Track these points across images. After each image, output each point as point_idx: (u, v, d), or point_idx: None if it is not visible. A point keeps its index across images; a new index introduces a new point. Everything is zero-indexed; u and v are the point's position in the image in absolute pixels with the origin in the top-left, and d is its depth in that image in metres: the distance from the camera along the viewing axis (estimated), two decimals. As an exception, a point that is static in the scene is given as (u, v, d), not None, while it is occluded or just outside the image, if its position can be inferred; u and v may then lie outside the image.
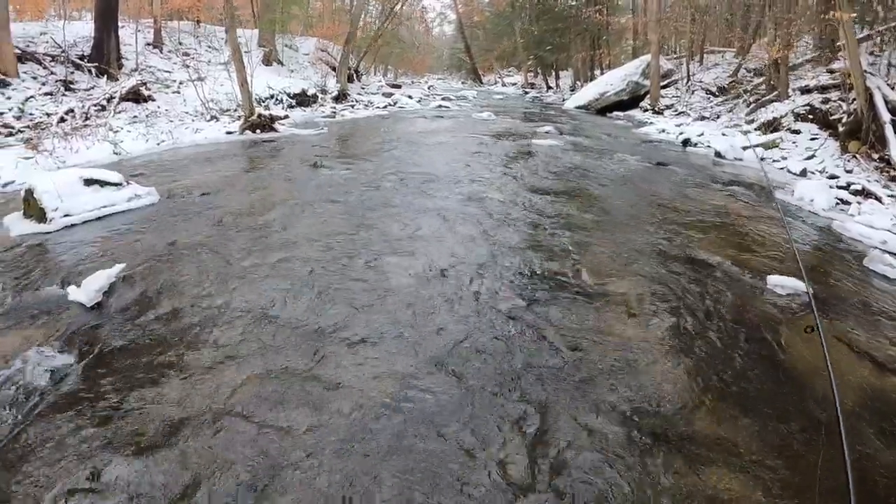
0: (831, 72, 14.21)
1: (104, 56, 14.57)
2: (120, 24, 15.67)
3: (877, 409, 3.21)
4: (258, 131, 12.90)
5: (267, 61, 20.86)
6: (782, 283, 4.62)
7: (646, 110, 22.03)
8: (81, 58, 14.44)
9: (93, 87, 13.59)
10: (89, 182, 6.46)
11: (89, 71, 14.17)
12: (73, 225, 5.90)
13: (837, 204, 8.25)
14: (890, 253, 5.99)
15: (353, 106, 20.74)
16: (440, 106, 22.47)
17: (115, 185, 6.64)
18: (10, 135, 10.57)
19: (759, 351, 3.69)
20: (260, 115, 13.27)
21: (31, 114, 11.61)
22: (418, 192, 7.28)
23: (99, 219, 6.13)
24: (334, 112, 18.61)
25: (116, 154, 10.12)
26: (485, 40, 53.89)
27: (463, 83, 51.94)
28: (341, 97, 21.63)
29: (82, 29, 16.05)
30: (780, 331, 3.93)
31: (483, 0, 38.46)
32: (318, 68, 24.25)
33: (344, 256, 4.96)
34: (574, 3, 31.82)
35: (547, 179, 8.37)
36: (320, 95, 20.37)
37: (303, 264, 4.74)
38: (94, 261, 4.86)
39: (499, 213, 6.38)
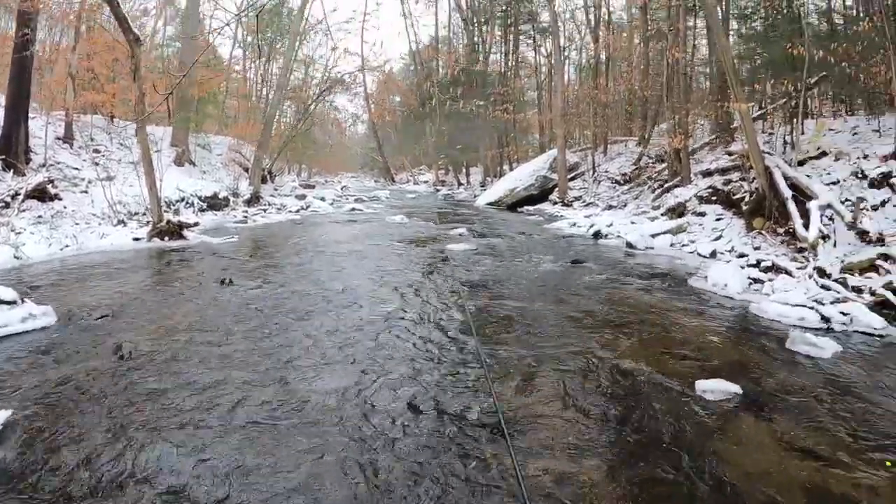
0: (730, 154, 14.89)
1: (12, 148, 13.69)
2: (31, 114, 14.88)
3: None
4: (167, 238, 12.35)
5: (179, 161, 20.42)
6: (711, 388, 4.52)
7: (555, 203, 22.59)
8: None
9: None
10: (-20, 299, 5.86)
11: None
12: (-43, 348, 5.32)
13: (751, 284, 8.44)
14: (810, 329, 6.15)
15: (265, 210, 20.44)
16: (353, 209, 22.40)
17: (9, 303, 6.12)
18: None
19: (697, 470, 3.48)
20: (169, 222, 12.73)
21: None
22: (331, 315, 6.72)
23: None
24: (246, 217, 18.21)
25: (17, 258, 9.65)
26: (397, 140, 55.00)
27: (376, 181, 52.46)
28: (254, 200, 21.31)
29: None
30: (716, 447, 3.75)
31: (395, 100, 39.13)
32: (231, 169, 23.93)
33: (249, 405, 4.28)
34: (482, 102, 32.66)
35: (464, 290, 8.04)
36: (232, 199, 19.95)
37: (203, 412, 4.13)
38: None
39: (414, 339, 5.83)
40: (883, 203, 9.82)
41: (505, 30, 37.82)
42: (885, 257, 8.16)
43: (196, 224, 14.14)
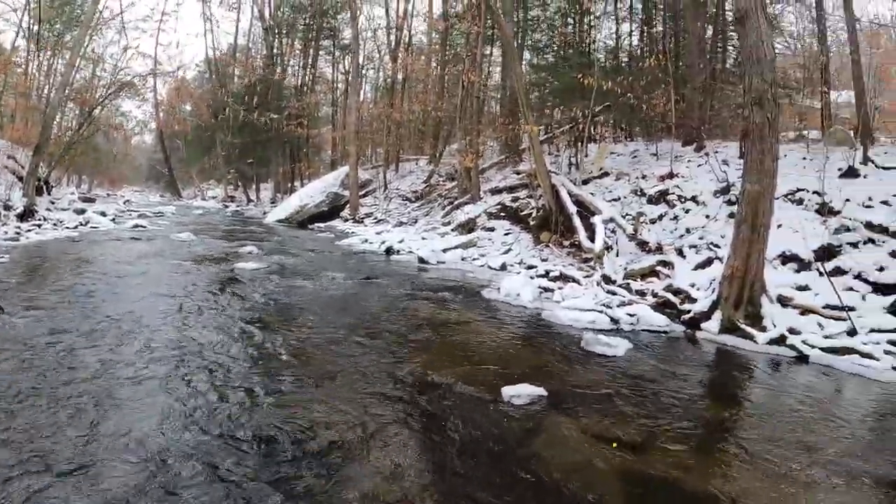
0: (518, 173, 15.38)
1: None
2: None
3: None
4: None
5: (-55, 166, 17.39)
6: (517, 393, 4.52)
7: (346, 220, 22.47)
8: None
9: None
10: None
11: None
12: None
13: (542, 293, 8.71)
14: (600, 331, 6.51)
15: (40, 225, 18.13)
16: (136, 226, 20.65)
17: None
18: None
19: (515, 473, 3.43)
20: None
21: None
22: (113, 348, 5.70)
23: None
24: (18, 233, 15.89)
25: None
26: (185, 152, 52.01)
27: (161, 196, 49.30)
28: (28, 214, 18.77)
29: None
30: (531, 449, 3.76)
31: (186, 110, 36.86)
32: (3, 178, 20.79)
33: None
34: (276, 116, 31.60)
35: (254, 311, 7.43)
36: (3, 211, 17.36)
37: None
38: None
39: (204, 367, 5.13)
40: (660, 217, 10.66)
41: (305, 43, 37.22)
42: (664, 263, 8.97)
43: None
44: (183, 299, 8.06)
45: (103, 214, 22.66)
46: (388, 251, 13.94)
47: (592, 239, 10.08)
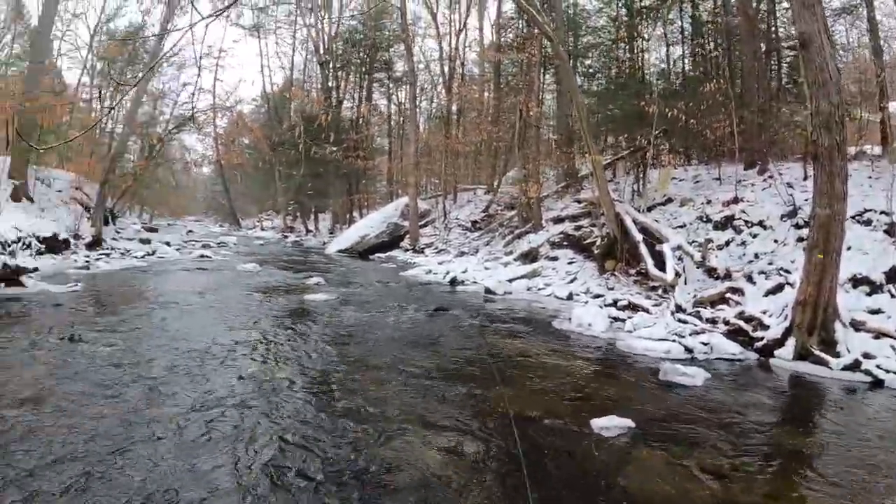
0: (579, 201, 15.42)
1: None
2: None
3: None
4: (3, 285, 10.97)
5: (16, 197, 18.46)
6: (606, 425, 4.59)
7: (407, 250, 22.64)
8: None
9: None
10: None
11: None
12: None
13: (612, 322, 8.76)
14: (676, 360, 6.58)
15: (108, 254, 18.95)
16: (202, 256, 21.27)
17: None
18: None
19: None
20: (5, 266, 11.34)
21: None
22: (194, 378, 5.90)
23: None
24: (88, 262, 16.74)
25: None
26: (244, 183, 53.29)
27: (221, 226, 50.53)
28: (96, 243, 19.71)
29: None
30: (624, 481, 3.83)
31: (244, 143, 37.93)
32: (73, 209, 21.84)
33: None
34: (334, 148, 32.29)
35: (330, 346, 7.46)
36: (73, 241, 18.38)
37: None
38: None
39: (283, 403, 5.25)
40: (727, 243, 10.65)
41: (360, 76, 37.93)
42: (734, 290, 8.95)
43: (35, 269, 12.79)
44: (256, 332, 8.24)
45: (168, 244, 23.62)
46: (453, 282, 14.01)
47: (659, 267, 10.23)
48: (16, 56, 28.61)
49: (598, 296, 10.73)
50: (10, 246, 14.53)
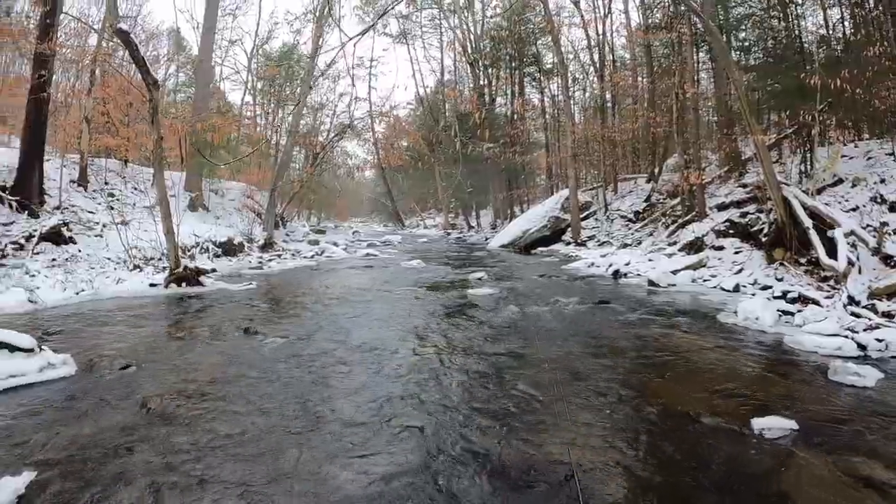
0: (744, 186, 14.84)
1: (27, 189, 13.73)
2: (46, 156, 14.98)
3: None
4: (184, 285, 12.03)
5: (193, 207, 20.55)
6: (768, 425, 4.39)
7: (568, 243, 22.50)
8: (3, 188, 13.55)
9: (12, 223, 12.83)
10: (-3, 345, 5.55)
11: (10, 204, 13.30)
12: (-27, 400, 4.94)
13: (781, 316, 8.25)
14: (847, 358, 6.07)
15: (279, 255, 20.31)
16: (368, 254, 22.26)
17: (26, 350, 5.68)
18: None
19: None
20: (186, 268, 12.45)
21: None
22: (368, 366, 6.34)
23: (4, 391, 5.19)
24: (261, 262, 18.07)
25: (32, 302, 9.44)
26: (405, 184, 55.28)
27: (385, 226, 52.69)
28: (267, 246, 21.25)
29: (7, 156, 15.31)
30: (785, 487, 3.64)
31: (402, 145, 39.46)
32: (244, 215, 23.98)
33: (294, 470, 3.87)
34: (492, 145, 32.89)
35: (493, 338, 7.66)
36: (246, 244, 19.92)
37: (242, 473, 3.77)
38: (-4, 455, 3.94)
39: (455, 392, 5.47)
40: None
41: (510, 72, 38.32)
42: None
43: (213, 270, 14.10)
44: (421, 325, 8.53)
45: (335, 244, 24.90)
46: (616, 274, 13.88)
47: (830, 255, 9.59)
48: (182, 84, 31.45)
49: (765, 287, 10.26)
50: (189, 251, 15.92)
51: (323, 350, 7.04)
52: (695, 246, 14.30)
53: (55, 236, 12.98)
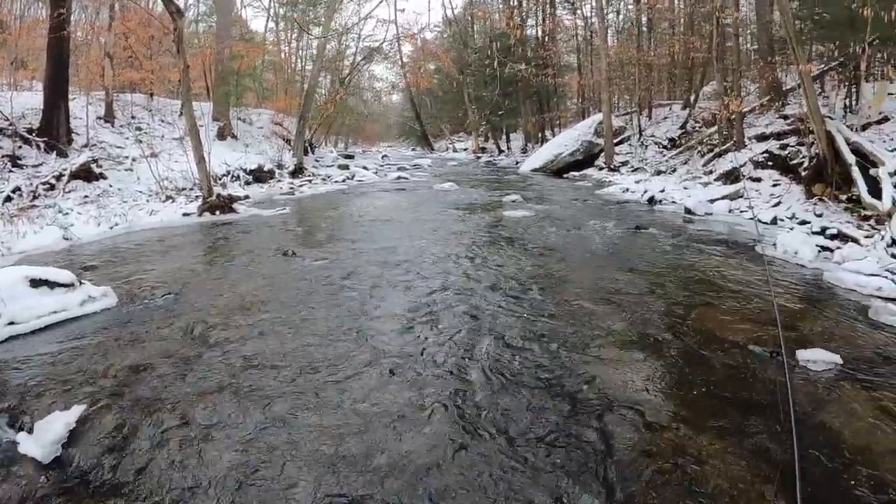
0: (785, 118, 14.49)
1: (54, 130, 13.72)
2: (70, 95, 14.88)
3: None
4: (217, 213, 12.12)
5: (222, 136, 20.50)
6: (813, 358, 4.45)
7: (601, 168, 22.28)
8: (30, 131, 13.53)
9: (41, 164, 12.89)
10: (36, 283, 5.57)
11: (38, 146, 13.32)
12: (17, 336, 5.01)
13: (820, 252, 8.17)
14: (890, 300, 6.00)
15: (310, 181, 20.37)
16: (399, 177, 22.24)
17: (66, 285, 5.75)
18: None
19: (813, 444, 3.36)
20: (219, 196, 12.53)
21: (-28, 193, 10.86)
22: (410, 282, 6.58)
23: (47, 328, 5.24)
24: (292, 188, 18.18)
25: (66, 239, 9.54)
26: (434, 107, 54.62)
27: (413, 150, 52.32)
28: (298, 171, 21.32)
29: (31, 100, 15.25)
30: (830, 419, 3.67)
31: (431, 68, 38.85)
32: (274, 142, 23.92)
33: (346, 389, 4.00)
34: (524, 66, 32.20)
35: (531, 261, 7.75)
36: (277, 171, 19.97)
37: (296, 394, 3.91)
38: (45, 391, 3.99)
39: (485, 311, 5.60)
40: None
41: (542, -10, 37.22)
42: None
43: (246, 197, 14.26)
44: (457, 246, 8.71)
45: (365, 168, 24.94)
46: (651, 201, 13.85)
47: (873, 194, 9.35)
48: (203, 14, 30.97)
49: (804, 222, 10.02)
50: (220, 179, 15.99)
51: (359, 271, 7.20)
52: (731, 176, 14.07)
53: (85, 173, 13.06)
